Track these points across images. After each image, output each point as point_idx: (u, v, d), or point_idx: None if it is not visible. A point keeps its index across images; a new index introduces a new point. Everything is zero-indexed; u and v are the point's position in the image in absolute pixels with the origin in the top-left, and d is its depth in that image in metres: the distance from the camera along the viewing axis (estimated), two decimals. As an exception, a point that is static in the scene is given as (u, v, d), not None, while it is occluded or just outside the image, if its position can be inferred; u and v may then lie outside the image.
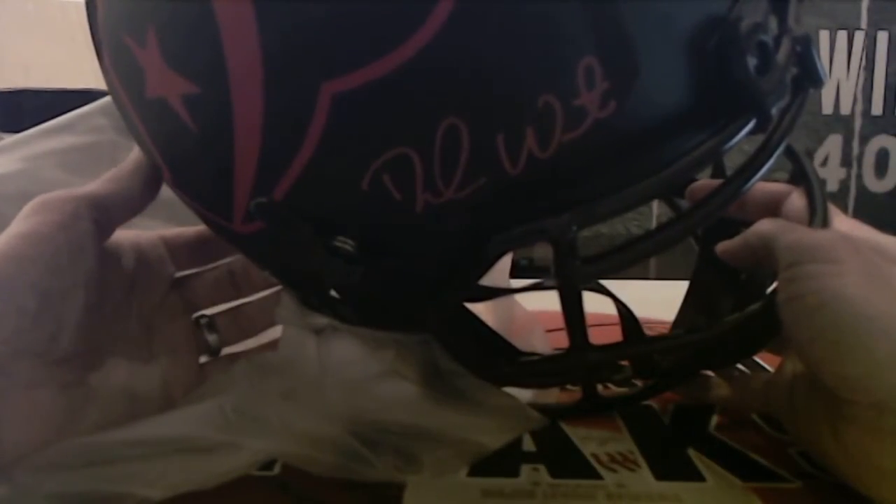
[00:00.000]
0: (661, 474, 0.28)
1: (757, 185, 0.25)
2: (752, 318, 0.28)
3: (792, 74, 0.26)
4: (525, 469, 0.28)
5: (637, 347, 0.30)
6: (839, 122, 1.03)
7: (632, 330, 0.30)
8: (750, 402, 0.32)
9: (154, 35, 0.23)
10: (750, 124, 0.23)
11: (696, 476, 0.28)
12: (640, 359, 0.32)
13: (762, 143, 0.25)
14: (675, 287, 0.38)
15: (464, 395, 0.30)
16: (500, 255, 0.25)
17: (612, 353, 0.29)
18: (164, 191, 0.30)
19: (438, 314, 0.28)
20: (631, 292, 0.31)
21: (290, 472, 0.28)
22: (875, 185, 1.05)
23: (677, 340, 0.31)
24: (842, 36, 1.02)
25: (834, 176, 1.04)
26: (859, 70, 1.02)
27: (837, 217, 0.30)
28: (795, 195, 0.31)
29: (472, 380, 0.29)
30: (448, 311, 0.28)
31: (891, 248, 0.27)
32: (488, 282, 0.27)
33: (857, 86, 1.03)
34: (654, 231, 0.25)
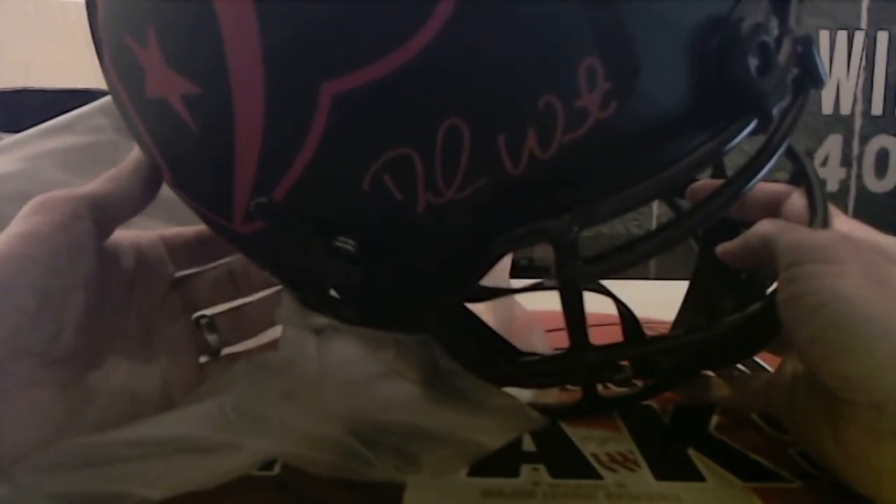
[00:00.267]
0: (661, 474, 0.28)
1: (757, 185, 0.25)
2: (752, 319, 0.28)
3: (793, 75, 0.26)
4: (525, 469, 0.28)
5: (637, 348, 0.30)
6: (839, 122, 1.03)
7: (632, 330, 0.30)
8: (750, 402, 0.32)
9: (154, 34, 0.23)
10: (751, 125, 0.23)
11: (696, 476, 0.28)
12: (641, 359, 0.32)
13: (763, 143, 0.25)
14: (675, 287, 0.38)
15: (464, 395, 0.30)
16: (500, 255, 0.25)
17: (612, 353, 0.29)
18: (164, 191, 0.30)
19: (438, 314, 0.28)
20: (631, 292, 0.31)
21: (290, 472, 0.28)
22: (875, 185, 1.05)
23: (677, 341, 0.31)
24: (842, 36, 1.02)
25: (834, 176, 1.04)
26: (859, 70, 1.03)
27: (837, 217, 0.30)
28: (796, 195, 0.31)
29: (472, 380, 0.29)
30: (448, 311, 0.28)
31: (891, 248, 0.27)
32: (488, 282, 0.27)
33: (857, 86, 1.03)
34: (655, 231, 0.25)
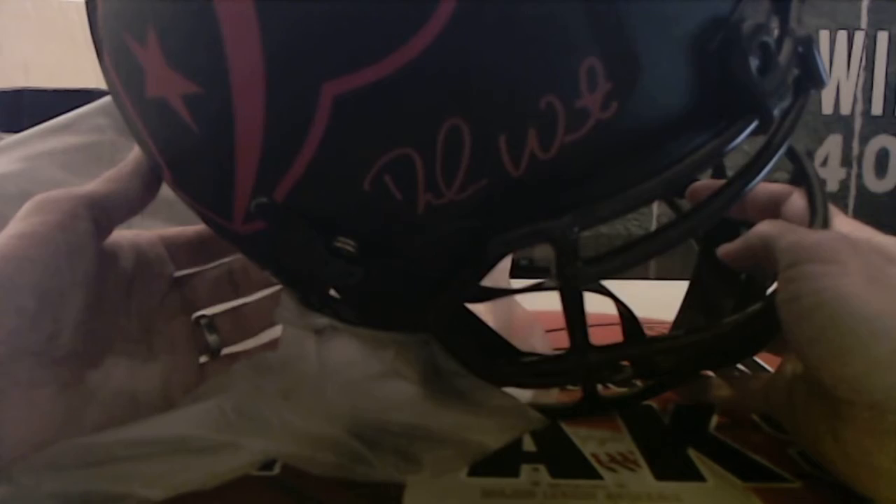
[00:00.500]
0: (661, 474, 0.28)
1: (758, 185, 0.25)
2: (752, 319, 0.28)
3: (793, 75, 0.26)
4: (525, 469, 0.28)
5: (637, 348, 0.30)
6: (839, 122, 1.03)
7: (632, 330, 0.30)
8: (750, 402, 0.32)
9: (155, 34, 0.23)
10: (752, 125, 0.23)
11: (696, 476, 0.28)
12: (641, 359, 0.32)
13: (764, 144, 0.25)
14: (675, 287, 0.38)
15: (464, 395, 0.30)
16: (501, 256, 0.25)
17: (612, 353, 0.29)
18: (164, 191, 0.30)
19: (439, 314, 0.28)
20: (631, 292, 0.31)
21: (290, 472, 0.28)
22: (875, 185, 1.05)
23: (677, 341, 0.31)
24: (842, 36, 1.02)
25: (834, 176, 1.04)
26: (859, 70, 1.02)
27: (838, 217, 0.30)
28: (796, 196, 0.31)
29: (472, 380, 0.29)
30: (448, 311, 0.28)
31: (891, 248, 0.27)
32: (489, 282, 0.27)
33: (857, 86, 1.03)
34: (655, 232, 0.25)
